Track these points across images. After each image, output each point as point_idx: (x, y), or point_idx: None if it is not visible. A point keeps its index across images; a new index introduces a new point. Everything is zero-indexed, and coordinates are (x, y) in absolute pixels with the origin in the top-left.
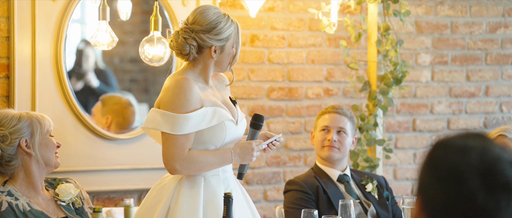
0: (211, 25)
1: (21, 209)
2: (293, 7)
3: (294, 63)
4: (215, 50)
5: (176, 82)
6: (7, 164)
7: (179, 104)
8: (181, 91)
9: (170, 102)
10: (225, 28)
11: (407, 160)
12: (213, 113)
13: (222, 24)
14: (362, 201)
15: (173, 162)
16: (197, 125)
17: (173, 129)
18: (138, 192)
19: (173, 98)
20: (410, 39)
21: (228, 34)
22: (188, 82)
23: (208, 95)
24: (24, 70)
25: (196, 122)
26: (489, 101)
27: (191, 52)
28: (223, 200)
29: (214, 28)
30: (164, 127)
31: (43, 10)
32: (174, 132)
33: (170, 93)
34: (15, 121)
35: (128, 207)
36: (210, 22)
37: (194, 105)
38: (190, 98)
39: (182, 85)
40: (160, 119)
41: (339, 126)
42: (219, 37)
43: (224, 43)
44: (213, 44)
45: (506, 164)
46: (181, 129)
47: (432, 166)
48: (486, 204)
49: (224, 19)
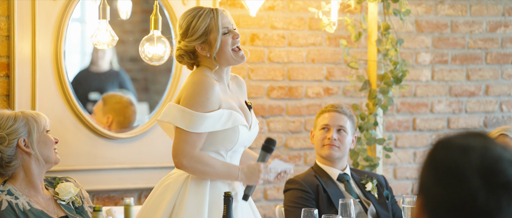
0: (184, 29)
1: (21, 208)
2: (293, 6)
3: (294, 62)
4: (203, 48)
5: (198, 79)
6: (7, 165)
7: (199, 102)
8: (202, 89)
9: (190, 99)
10: (197, 25)
11: (407, 159)
12: (229, 116)
13: (193, 22)
14: (362, 200)
15: (181, 156)
16: (212, 126)
17: (189, 125)
18: (138, 191)
19: (194, 95)
20: (410, 38)
21: (203, 29)
22: (210, 81)
23: (227, 97)
24: (24, 69)
25: (212, 123)
26: (489, 100)
27: (186, 60)
28: (223, 199)
29: (188, 30)
30: (180, 123)
31: (43, 9)
32: (189, 129)
33: (192, 90)
34: (11, 121)
35: (128, 206)
36: (184, 26)
37: (213, 106)
38: (211, 97)
39: (204, 83)
40: (177, 114)
41: (339, 125)
42: (195, 36)
43: (205, 38)
44: (195, 45)
45: (507, 164)
46: (197, 127)
47: (433, 165)
48: (487, 203)
49: (196, 16)
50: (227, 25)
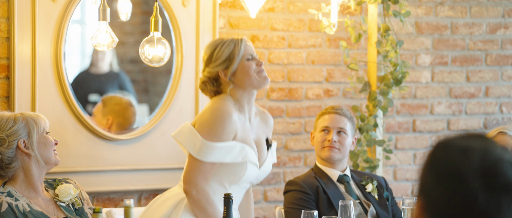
0: (208, 56)
1: (21, 210)
2: (293, 8)
3: (294, 64)
4: (225, 74)
5: (217, 106)
6: (7, 167)
7: (213, 130)
8: (219, 118)
9: (205, 126)
10: (220, 52)
11: (407, 161)
12: (240, 150)
13: (217, 49)
14: (362, 202)
15: (193, 186)
16: (221, 157)
17: (198, 153)
18: (138, 193)
19: (209, 122)
20: (410, 40)
21: (226, 56)
22: (228, 110)
23: (244, 129)
24: (24, 71)
25: (222, 154)
26: (489, 102)
27: (208, 88)
28: (223, 200)
29: (211, 57)
30: (190, 148)
31: (43, 11)
32: (198, 157)
33: (209, 116)
34: (10, 123)
35: (128, 208)
36: (208, 54)
37: (227, 136)
38: (227, 127)
39: (222, 111)
40: (189, 137)
41: (339, 127)
42: (218, 62)
43: (228, 63)
44: (218, 70)
45: (507, 165)
46: (206, 156)
47: (433, 166)
48: (487, 205)
49: (220, 44)
50: (251, 53)
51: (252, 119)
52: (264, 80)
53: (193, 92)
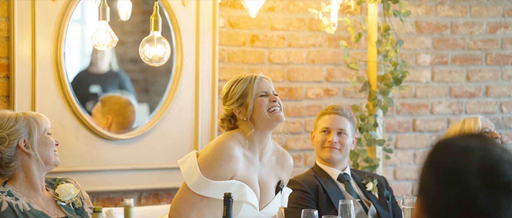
0: (225, 94)
1: (21, 209)
2: (293, 7)
3: (294, 64)
4: (240, 111)
5: (222, 142)
6: (7, 166)
7: (212, 166)
8: (219, 155)
9: (205, 161)
10: (235, 90)
11: (407, 160)
12: (238, 189)
13: (232, 88)
14: (362, 200)
15: (176, 214)
16: (216, 194)
17: (192, 184)
18: (138, 192)
19: (209, 158)
20: (410, 39)
21: (240, 93)
22: (231, 148)
23: (248, 168)
24: (24, 70)
25: (217, 191)
26: (489, 101)
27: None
28: (223, 200)
29: (227, 94)
30: (187, 178)
31: (43, 10)
32: (192, 188)
33: (210, 151)
34: (12, 122)
35: (128, 207)
36: (225, 92)
37: (225, 175)
38: (225, 166)
39: (224, 149)
40: (189, 168)
41: (339, 128)
42: (233, 99)
43: (242, 101)
44: (233, 108)
45: (507, 165)
46: (199, 190)
47: (433, 166)
48: (487, 204)
49: (236, 82)
50: (266, 90)
51: (266, 158)
52: (276, 120)
53: (193, 92)
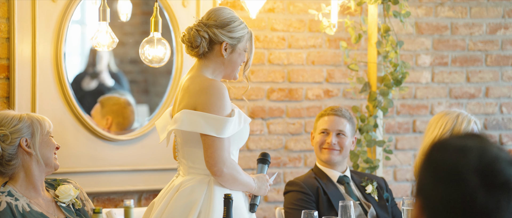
0: (225, 22)
1: (21, 210)
2: (293, 8)
3: (294, 64)
4: (226, 48)
5: (214, 84)
6: (8, 164)
7: (221, 106)
8: (220, 94)
9: (213, 105)
10: (238, 28)
11: (407, 161)
12: (239, 115)
13: (236, 23)
14: (362, 203)
15: (221, 164)
16: (234, 128)
17: (219, 131)
18: (138, 193)
19: (214, 100)
20: (410, 40)
21: (240, 34)
22: (223, 85)
23: None
24: (24, 71)
25: (234, 125)
26: (489, 102)
27: (202, 44)
28: (223, 201)
29: (227, 25)
30: (209, 130)
31: (43, 11)
32: (220, 135)
33: (210, 95)
34: (15, 121)
35: (128, 208)
36: (224, 18)
37: (230, 108)
38: (228, 100)
39: (220, 87)
40: (202, 121)
41: (338, 129)
42: (231, 34)
43: (236, 43)
44: (225, 40)
45: (505, 163)
46: (226, 131)
47: (431, 166)
48: (486, 203)
49: (238, 20)
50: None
51: None
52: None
53: None
